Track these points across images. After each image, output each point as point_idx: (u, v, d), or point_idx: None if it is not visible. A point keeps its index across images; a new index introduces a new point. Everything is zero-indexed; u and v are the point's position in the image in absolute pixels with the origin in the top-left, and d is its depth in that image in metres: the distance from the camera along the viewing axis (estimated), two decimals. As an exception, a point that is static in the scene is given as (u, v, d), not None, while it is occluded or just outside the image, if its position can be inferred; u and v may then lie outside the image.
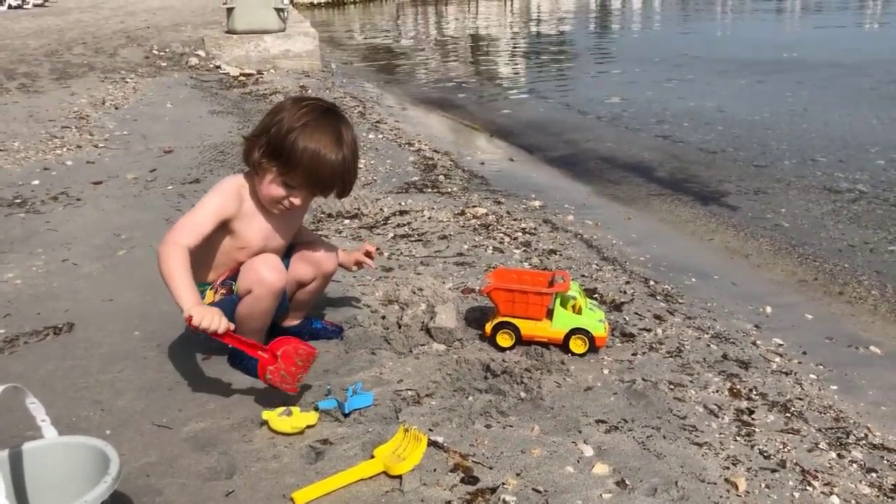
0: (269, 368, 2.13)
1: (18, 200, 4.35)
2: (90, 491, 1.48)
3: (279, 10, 10.77)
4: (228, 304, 2.34)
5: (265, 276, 2.28)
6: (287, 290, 2.48)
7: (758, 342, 3.15)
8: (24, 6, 20.02)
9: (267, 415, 2.13)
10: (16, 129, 6.13)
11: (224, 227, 2.34)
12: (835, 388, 2.89)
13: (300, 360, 2.17)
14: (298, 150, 2.21)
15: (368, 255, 2.74)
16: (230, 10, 10.71)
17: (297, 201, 2.33)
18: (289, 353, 2.15)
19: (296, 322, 2.67)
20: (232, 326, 2.14)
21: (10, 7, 19.22)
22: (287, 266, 2.45)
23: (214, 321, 2.07)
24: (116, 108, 7.21)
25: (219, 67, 10.13)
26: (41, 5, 21.02)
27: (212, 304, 2.34)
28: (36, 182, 4.73)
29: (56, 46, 11.26)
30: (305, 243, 2.60)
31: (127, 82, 8.64)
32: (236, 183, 2.36)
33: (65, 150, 5.58)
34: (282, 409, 2.15)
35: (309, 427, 2.11)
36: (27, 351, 2.61)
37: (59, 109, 6.96)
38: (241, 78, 9.58)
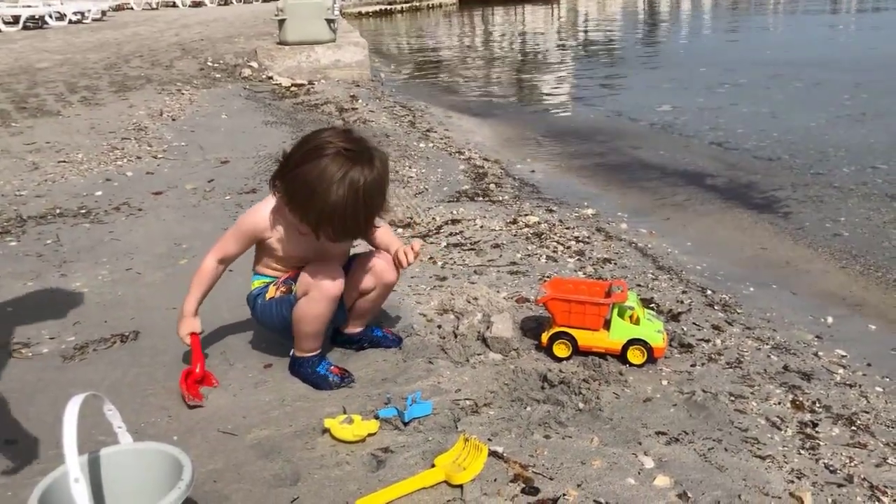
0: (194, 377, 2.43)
1: (83, 211, 4.48)
2: (164, 496, 1.52)
3: (329, 21, 10.93)
4: (285, 304, 2.43)
5: (321, 281, 2.33)
6: (347, 298, 2.52)
7: (820, 353, 3.09)
8: (84, 21, 20.63)
9: (329, 423, 2.16)
10: (79, 141, 6.33)
11: (264, 242, 2.45)
12: (902, 401, 2.81)
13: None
14: (297, 184, 2.21)
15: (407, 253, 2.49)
16: (282, 22, 10.91)
17: (304, 230, 2.31)
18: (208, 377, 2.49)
19: (357, 330, 2.70)
20: (187, 341, 2.51)
21: (70, 22, 19.82)
22: (347, 273, 2.49)
23: (180, 330, 2.52)
24: (173, 120, 7.39)
25: (271, 78, 10.32)
26: (99, 19, 21.65)
27: (272, 299, 2.46)
28: (99, 193, 4.88)
29: (115, 60, 11.60)
30: (368, 252, 2.61)
31: (183, 94, 8.85)
32: (266, 209, 2.39)
33: (125, 161, 5.74)
34: (343, 416, 2.19)
35: (370, 435, 2.14)
36: (96, 358, 2.70)
37: (119, 121, 7.16)
38: (293, 88, 9.74)
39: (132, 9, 28.85)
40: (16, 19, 18.13)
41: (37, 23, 18.72)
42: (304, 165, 2.18)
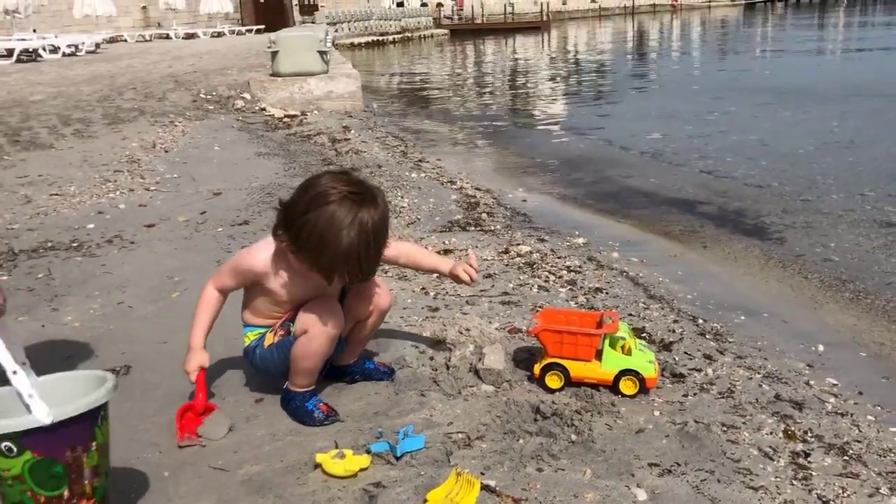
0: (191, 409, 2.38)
1: (75, 244, 4.48)
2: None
3: (322, 53, 11.04)
4: (286, 346, 2.41)
5: (321, 319, 2.33)
6: (344, 329, 2.52)
7: (811, 382, 3.10)
8: (78, 53, 20.74)
9: (320, 458, 2.15)
10: (71, 174, 6.35)
11: (261, 285, 2.41)
12: (894, 430, 2.81)
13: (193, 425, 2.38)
14: (306, 232, 2.19)
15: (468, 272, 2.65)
16: (275, 54, 11.03)
17: (311, 275, 2.31)
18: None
19: (350, 361, 2.70)
20: (193, 377, 2.41)
21: (64, 55, 19.92)
22: (343, 305, 2.49)
23: (187, 364, 2.43)
24: (166, 152, 7.41)
25: (264, 109, 10.38)
26: (93, 52, 21.77)
27: (271, 345, 2.44)
28: (91, 226, 4.88)
29: (108, 92, 11.64)
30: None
31: (176, 126, 8.89)
32: (266, 254, 2.37)
33: (118, 193, 5.75)
34: (335, 451, 2.18)
35: (362, 470, 2.13)
36: (87, 393, 2.67)
37: (112, 154, 7.18)
38: (286, 119, 9.80)
39: (126, 41, 29.06)
40: (10, 52, 18.21)
41: (31, 56, 18.80)
42: (310, 213, 2.17)
